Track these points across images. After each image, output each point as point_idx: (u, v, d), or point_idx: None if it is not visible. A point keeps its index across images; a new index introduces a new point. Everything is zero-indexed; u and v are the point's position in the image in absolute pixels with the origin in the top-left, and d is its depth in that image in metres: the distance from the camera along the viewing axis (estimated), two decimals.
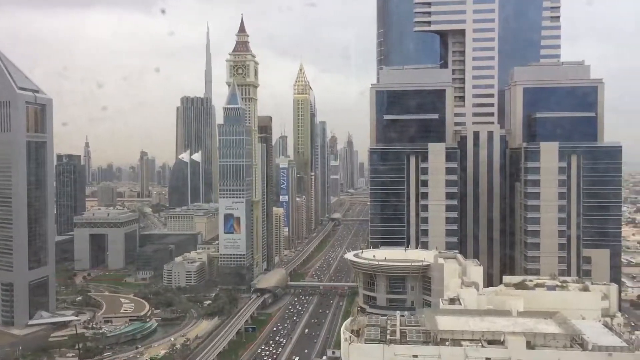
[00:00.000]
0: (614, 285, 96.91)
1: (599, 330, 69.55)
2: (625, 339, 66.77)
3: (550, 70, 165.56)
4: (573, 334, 65.94)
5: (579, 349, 64.26)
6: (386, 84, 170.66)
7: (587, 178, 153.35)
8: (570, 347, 64.97)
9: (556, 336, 66.03)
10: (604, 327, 71.69)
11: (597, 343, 63.87)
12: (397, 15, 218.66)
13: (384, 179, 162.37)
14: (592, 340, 64.23)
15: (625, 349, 63.65)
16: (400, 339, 67.48)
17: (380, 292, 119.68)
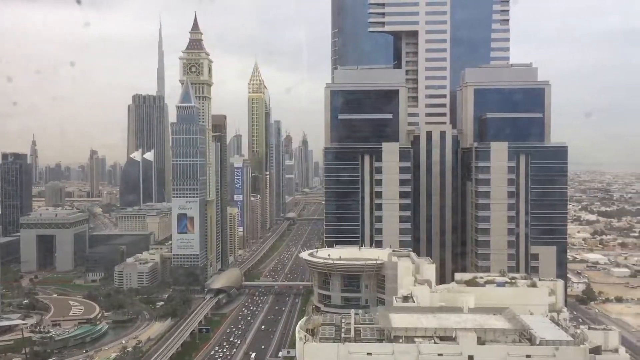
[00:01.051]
0: (560, 281, 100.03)
1: (546, 325, 71.65)
2: (571, 334, 69.03)
3: (500, 72, 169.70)
4: (521, 329, 67.78)
5: (527, 343, 66.09)
6: (341, 83, 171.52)
7: (535, 177, 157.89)
8: (518, 342, 66.76)
9: (505, 331, 67.74)
10: (550, 322, 73.90)
11: (545, 338, 65.82)
12: (352, 15, 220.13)
13: (339, 178, 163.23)
14: (539, 335, 66.15)
15: (571, 343, 65.83)
16: (355, 337, 68.00)
17: (335, 291, 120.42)
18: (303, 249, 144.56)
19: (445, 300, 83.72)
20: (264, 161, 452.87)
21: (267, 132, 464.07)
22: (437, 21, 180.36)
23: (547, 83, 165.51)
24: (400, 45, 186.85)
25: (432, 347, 65.29)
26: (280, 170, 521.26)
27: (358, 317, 74.36)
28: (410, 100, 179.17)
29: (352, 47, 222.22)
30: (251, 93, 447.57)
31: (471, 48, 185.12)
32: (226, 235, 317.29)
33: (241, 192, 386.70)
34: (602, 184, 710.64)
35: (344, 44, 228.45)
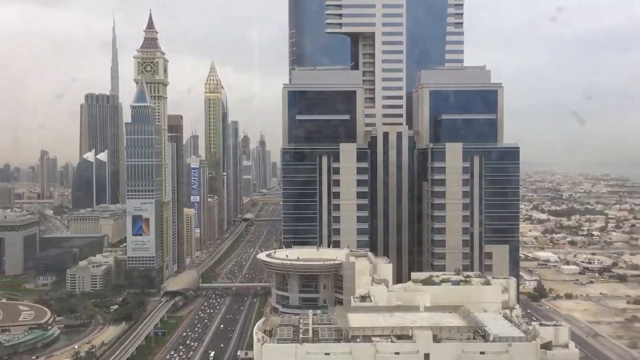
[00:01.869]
0: (513, 279, 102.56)
1: (499, 322, 73.38)
2: (523, 330, 70.89)
3: (454, 74, 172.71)
4: (476, 327, 69.16)
5: (481, 340, 67.49)
6: (298, 84, 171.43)
7: (488, 177, 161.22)
8: (473, 339, 68.10)
9: (460, 329, 69.01)
10: (504, 319, 75.74)
11: (498, 334, 67.37)
12: (309, 15, 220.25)
13: (297, 178, 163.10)
14: (493, 331, 67.66)
15: (523, 339, 67.60)
16: (313, 337, 68.12)
17: (293, 292, 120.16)
18: (261, 250, 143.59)
19: (402, 299, 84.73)
20: (221, 162, 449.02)
21: (225, 132, 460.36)
22: (393, 23, 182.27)
23: (500, 85, 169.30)
24: (357, 46, 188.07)
25: (389, 346, 65.98)
26: (238, 171, 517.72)
27: (316, 317, 74.51)
28: (368, 101, 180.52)
29: (310, 48, 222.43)
30: (208, 93, 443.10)
31: (426, 50, 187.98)
32: (182, 237, 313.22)
33: (198, 193, 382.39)
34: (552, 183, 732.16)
35: (302, 44, 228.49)
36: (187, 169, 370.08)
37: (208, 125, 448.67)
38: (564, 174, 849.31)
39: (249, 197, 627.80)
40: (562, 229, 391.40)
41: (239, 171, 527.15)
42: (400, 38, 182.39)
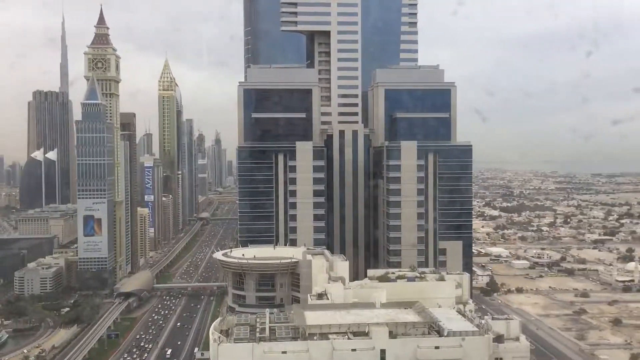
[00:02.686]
0: (466, 275, 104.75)
1: (453, 317, 74.82)
2: (476, 324, 72.47)
3: (409, 73, 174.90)
4: (430, 322, 70.35)
5: (436, 335, 68.69)
6: (254, 82, 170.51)
7: (442, 175, 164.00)
8: (428, 334, 69.25)
9: (415, 324, 70.08)
10: (457, 314, 77.25)
11: (452, 329, 68.73)
12: (264, 13, 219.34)
13: (253, 177, 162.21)
14: (447, 326, 68.98)
15: (476, 333, 69.15)
16: (270, 336, 67.97)
17: (249, 291, 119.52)
18: (217, 249, 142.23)
19: (359, 296, 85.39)
20: (176, 160, 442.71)
21: (179, 130, 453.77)
22: (348, 22, 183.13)
23: (453, 85, 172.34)
24: (312, 44, 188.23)
25: (346, 343, 66.43)
26: (193, 170, 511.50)
27: (273, 316, 74.38)
28: (323, 100, 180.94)
29: (265, 46, 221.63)
30: (162, 91, 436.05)
31: (381, 49, 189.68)
32: (136, 237, 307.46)
33: (152, 192, 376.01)
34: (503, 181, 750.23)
35: (257, 42, 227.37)
36: (140, 167, 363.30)
37: (162, 123, 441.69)
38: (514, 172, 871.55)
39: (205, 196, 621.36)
40: (513, 225, 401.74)
41: (194, 170, 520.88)
42: (356, 37, 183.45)
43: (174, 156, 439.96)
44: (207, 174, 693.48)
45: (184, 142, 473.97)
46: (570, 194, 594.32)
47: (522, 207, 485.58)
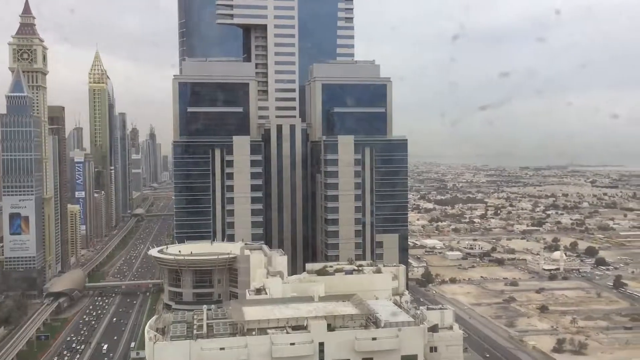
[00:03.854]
0: (402, 266, 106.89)
1: (390, 308, 76.10)
2: (412, 315, 74.07)
3: (346, 68, 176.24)
4: (368, 314, 71.33)
5: (373, 327, 69.71)
6: (189, 75, 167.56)
7: (379, 169, 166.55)
8: (365, 326, 70.18)
9: (353, 317, 70.88)
10: (394, 305, 78.64)
11: (389, 320, 69.94)
12: (199, 5, 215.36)
13: (189, 172, 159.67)
14: (384, 318, 70.13)
15: (412, 324, 70.66)
16: (207, 333, 67.14)
17: (186, 288, 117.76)
18: (152, 246, 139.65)
19: (297, 290, 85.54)
20: (108, 155, 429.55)
21: (111, 124, 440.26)
22: (285, 16, 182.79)
23: (389, 80, 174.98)
24: (249, 38, 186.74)
25: (284, 337, 66.45)
26: (126, 165, 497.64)
27: (210, 312, 73.52)
28: (261, 94, 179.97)
29: (201, 39, 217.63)
30: (92, 83, 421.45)
31: (318, 44, 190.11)
32: (67, 235, 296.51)
33: (83, 189, 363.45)
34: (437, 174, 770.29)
35: (192, 34, 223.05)
36: (70, 163, 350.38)
37: (93, 117, 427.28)
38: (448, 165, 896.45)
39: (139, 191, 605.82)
40: (447, 217, 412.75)
41: (128, 165, 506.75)
42: (293, 31, 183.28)
43: (106, 151, 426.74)
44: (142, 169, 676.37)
45: (117, 136, 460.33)
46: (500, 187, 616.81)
47: (455, 200, 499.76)
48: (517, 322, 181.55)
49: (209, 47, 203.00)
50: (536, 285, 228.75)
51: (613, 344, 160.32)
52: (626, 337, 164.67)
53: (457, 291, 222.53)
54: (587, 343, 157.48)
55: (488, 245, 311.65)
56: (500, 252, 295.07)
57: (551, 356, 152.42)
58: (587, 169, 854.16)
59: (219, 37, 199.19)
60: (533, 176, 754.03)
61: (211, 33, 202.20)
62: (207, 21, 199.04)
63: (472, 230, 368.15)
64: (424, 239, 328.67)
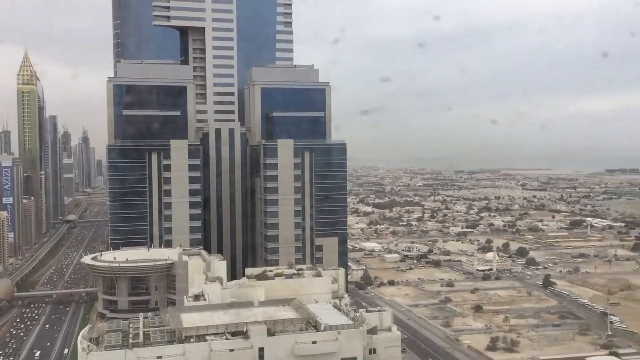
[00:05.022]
0: (342, 270, 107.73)
1: (329, 312, 76.67)
2: (351, 317, 74.80)
3: (285, 72, 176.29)
4: (308, 318, 71.54)
5: (313, 330, 69.98)
6: (125, 77, 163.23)
7: (318, 173, 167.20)
8: (305, 329, 70.36)
9: (293, 321, 70.90)
10: (334, 308, 79.29)
11: (328, 323, 70.37)
12: (135, 5, 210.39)
13: (124, 177, 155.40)
14: (324, 321, 70.53)
15: (352, 326, 71.33)
16: (144, 341, 65.58)
17: (121, 295, 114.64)
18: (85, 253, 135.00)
19: (237, 295, 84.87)
20: (38, 160, 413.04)
21: (41, 128, 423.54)
22: (224, 19, 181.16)
23: (328, 84, 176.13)
24: (187, 40, 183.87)
25: (223, 343, 65.74)
26: (58, 170, 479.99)
27: (147, 320, 71.85)
28: (199, 97, 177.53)
29: (136, 40, 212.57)
30: (21, 85, 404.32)
31: (257, 47, 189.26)
32: None
33: (11, 194, 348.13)
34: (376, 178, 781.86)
35: (128, 35, 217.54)
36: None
37: (22, 120, 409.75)
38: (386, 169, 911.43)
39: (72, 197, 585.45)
40: (385, 220, 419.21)
41: (59, 170, 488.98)
42: (231, 34, 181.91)
43: (35, 155, 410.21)
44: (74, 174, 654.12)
45: (47, 140, 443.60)
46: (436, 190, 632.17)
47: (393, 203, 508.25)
48: (453, 322, 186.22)
49: (145, 48, 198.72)
50: (471, 285, 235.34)
51: (542, 340, 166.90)
52: (555, 334, 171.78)
53: (395, 293, 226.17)
54: (518, 340, 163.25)
55: (425, 247, 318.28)
56: (437, 254, 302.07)
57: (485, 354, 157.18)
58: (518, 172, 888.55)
59: (156, 39, 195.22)
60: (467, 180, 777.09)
61: (147, 34, 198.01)
62: (142, 22, 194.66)
63: (409, 232, 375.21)
64: (363, 242, 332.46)
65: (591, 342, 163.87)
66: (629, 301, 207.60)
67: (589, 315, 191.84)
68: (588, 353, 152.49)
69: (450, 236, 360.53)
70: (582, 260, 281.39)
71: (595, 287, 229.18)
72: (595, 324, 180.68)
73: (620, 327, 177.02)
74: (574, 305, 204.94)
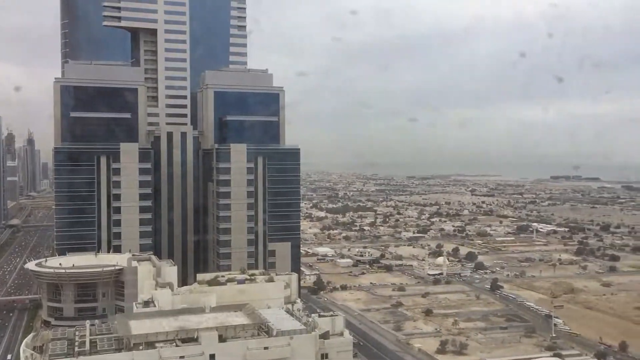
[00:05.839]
0: (295, 275, 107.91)
1: (282, 317, 76.51)
2: (304, 322, 74.87)
3: (238, 76, 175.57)
4: (260, 323, 71.26)
5: (265, 336, 69.69)
6: (73, 78, 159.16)
7: (272, 178, 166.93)
8: (257, 335, 70.01)
9: (245, 327, 70.50)
10: (286, 314, 79.17)
11: (281, 329, 70.22)
12: (84, 5, 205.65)
13: (71, 180, 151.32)
14: (276, 326, 70.34)
15: (304, 331, 71.41)
16: (90, 349, 64.02)
17: (67, 302, 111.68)
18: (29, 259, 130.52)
19: (188, 301, 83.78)
20: None
21: None
22: (176, 21, 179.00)
23: (282, 89, 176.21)
24: (138, 42, 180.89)
25: (173, 350, 64.78)
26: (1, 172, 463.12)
27: (94, 327, 70.18)
28: (150, 100, 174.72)
29: (86, 41, 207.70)
30: None
31: (211, 50, 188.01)
32: None
33: None
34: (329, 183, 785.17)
35: (77, 36, 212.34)
36: None
37: None
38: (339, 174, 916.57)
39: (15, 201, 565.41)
40: (338, 226, 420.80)
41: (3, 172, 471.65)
42: (184, 37, 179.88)
43: None
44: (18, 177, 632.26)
45: None
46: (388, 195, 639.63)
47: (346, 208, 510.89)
48: (404, 326, 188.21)
49: (95, 49, 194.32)
50: (422, 289, 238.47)
51: (490, 343, 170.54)
52: (502, 337, 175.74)
53: (347, 298, 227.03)
54: (467, 343, 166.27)
55: (377, 252, 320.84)
56: (389, 259, 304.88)
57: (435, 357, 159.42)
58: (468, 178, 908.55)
59: (106, 40, 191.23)
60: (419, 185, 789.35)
61: (97, 35, 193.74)
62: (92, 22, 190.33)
63: (362, 237, 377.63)
64: (316, 247, 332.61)
65: (536, 344, 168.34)
66: (572, 304, 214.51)
67: (534, 318, 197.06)
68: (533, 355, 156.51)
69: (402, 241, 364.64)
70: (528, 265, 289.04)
71: (540, 290, 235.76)
72: (540, 327, 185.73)
73: (563, 329, 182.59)
74: (520, 308, 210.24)
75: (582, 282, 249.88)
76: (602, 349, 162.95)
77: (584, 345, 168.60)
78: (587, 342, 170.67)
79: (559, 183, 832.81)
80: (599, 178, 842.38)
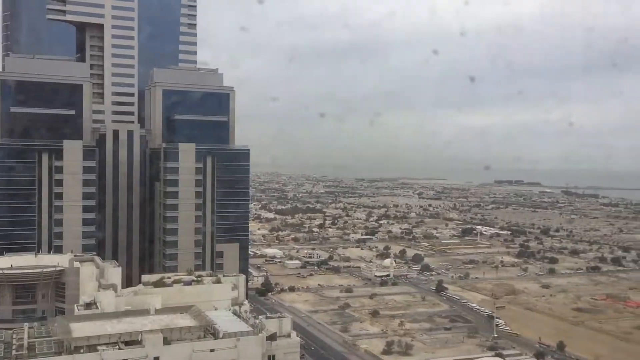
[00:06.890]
0: (242, 276, 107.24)
1: (229, 319, 76.05)
2: (251, 324, 74.64)
3: (188, 75, 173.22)
4: (206, 325, 70.57)
5: (211, 338, 69.08)
6: (13, 72, 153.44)
7: (220, 178, 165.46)
8: (204, 337, 69.32)
9: (191, 329, 69.69)
10: (233, 315, 78.76)
11: (227, 331, 69.77)
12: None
13: (10, 178, 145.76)
14: (223, 328, 69.85)
15: (251, 333, 71.19)
16: (29, 353, 62.06)
17: (4, 304, 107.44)
18: None
19: (132, 303, 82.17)
20: None
21: None
22: (124, 17, 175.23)
23: (232, 89, 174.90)
24: (84, 37, 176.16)
25: (116, 353, 63.47)
26: None
27: (33, 330, 67.93)
28: (96, 97, 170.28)
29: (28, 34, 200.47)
30: None
31: (160, 48, 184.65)
32: None
33: None
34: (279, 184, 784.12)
35: (18, 28, 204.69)
36: None
37: None
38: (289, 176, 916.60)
39: None
40: (287, 227, 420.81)
41: None
42: (132, 33, 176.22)
43: None
44: None
45: None
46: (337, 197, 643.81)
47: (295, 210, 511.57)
48: (351, 327, 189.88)
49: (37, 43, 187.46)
50: (369, 291, 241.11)
51: (435, 344, 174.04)
52: (446, 337, 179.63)
53: (295, 299, 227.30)
54: (412, 344, 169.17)
55: (326, 253, 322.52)
56: (337, 260, 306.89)
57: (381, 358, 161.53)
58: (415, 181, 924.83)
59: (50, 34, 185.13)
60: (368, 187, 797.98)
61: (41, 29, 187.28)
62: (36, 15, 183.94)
63: (311, 239, 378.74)
64: (265, 248, 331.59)
65: (479, 345, 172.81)
66: (513, 305, 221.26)
67: (477, 319, 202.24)
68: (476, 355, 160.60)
69: (350, 243, 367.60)
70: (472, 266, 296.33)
71: (483, 291, 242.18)
72: (483, 327, 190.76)
73: (505, 329, 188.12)
74: (463, 309, 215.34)
75: (522, 283, 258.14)
76: (540, 348, 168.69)
77: (524, 345, 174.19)
78: (526, 342, 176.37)
79: (503, 187, 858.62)
80: (539, 183, 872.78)
